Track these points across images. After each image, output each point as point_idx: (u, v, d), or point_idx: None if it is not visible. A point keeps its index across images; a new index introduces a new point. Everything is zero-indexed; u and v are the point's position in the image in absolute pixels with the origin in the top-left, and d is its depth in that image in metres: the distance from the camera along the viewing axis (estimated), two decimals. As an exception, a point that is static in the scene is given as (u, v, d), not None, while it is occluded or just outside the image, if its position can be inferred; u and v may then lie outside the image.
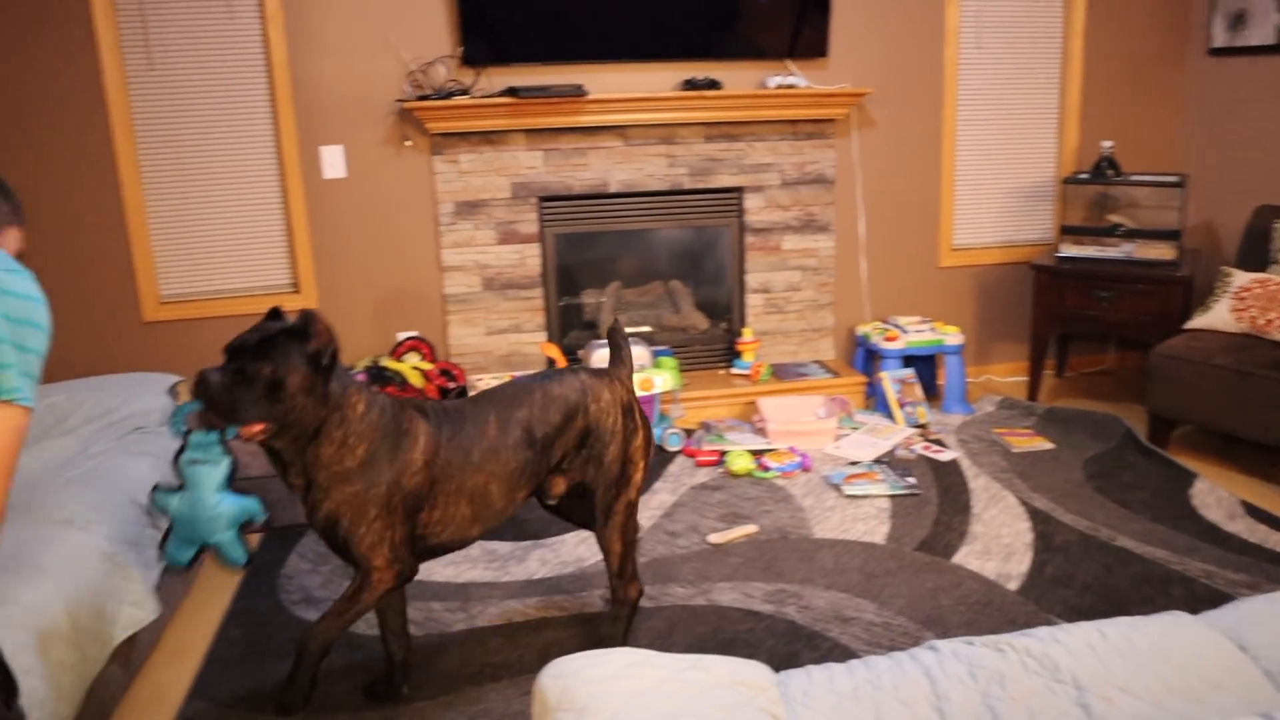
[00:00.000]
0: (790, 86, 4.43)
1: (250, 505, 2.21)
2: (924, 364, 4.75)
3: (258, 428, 2.04)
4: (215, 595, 3.05)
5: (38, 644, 1.99)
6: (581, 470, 2.56)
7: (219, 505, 2.16)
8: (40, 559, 2.18)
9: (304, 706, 2.37)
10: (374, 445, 2.20)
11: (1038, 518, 3.41)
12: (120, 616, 2.36)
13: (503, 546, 3.33)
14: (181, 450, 2.14)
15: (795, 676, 1.74)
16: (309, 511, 2.24)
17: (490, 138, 4.36)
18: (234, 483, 2.19)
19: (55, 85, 4.04)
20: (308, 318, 2.08)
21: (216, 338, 4.36)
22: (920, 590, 2.94)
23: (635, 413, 2.63)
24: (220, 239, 4.32)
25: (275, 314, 2.18)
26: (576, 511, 2.80)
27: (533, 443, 2.43)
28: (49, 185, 4.13)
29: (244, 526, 2.22)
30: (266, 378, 2.02)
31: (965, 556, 3.15)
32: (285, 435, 2.11)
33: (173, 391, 3.24)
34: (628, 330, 4.75)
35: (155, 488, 2.15)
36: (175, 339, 4.33)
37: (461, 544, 2.40)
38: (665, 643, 2.69)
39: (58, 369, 4.21)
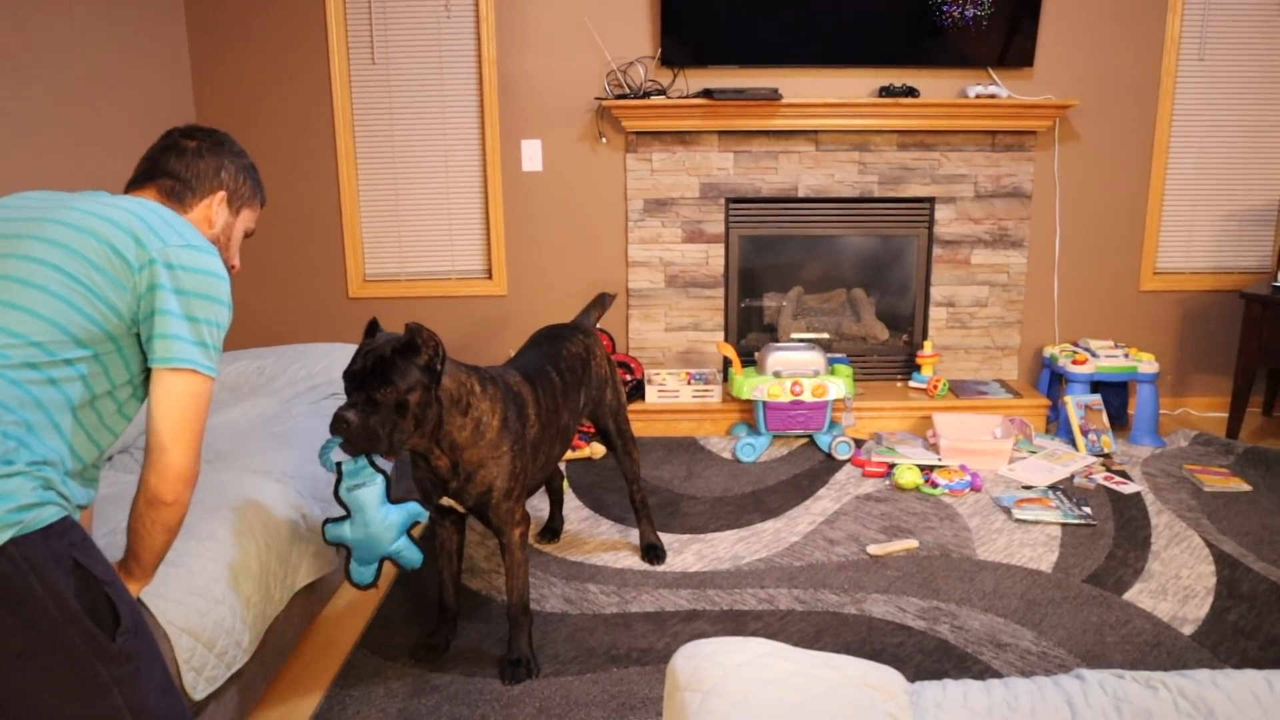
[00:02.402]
0: (991, 96, 4.31)
1: (414, 509, 2.37)
2: (1114, 391, 4.54)
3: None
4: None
5: (230, 577, 2.19)
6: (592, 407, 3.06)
7: (387, 518, 2.32)
8: (238, 503, 2.39)
9: (537, 668, 2.60)
10: (505, 413, 2.44)
11: (1224, 562, 3.21)
12: (303, 565, 2.57)
13: (662, 538, 3.41)
14: (338, 483, 2.31)
15: (929, 688, 1.73)
16: (457, 490, 2.44)
17: (683, 138, 4.45)
18: (390, 495, 2.36)
19: (290, 81, 4.41)
20: (413, 331, 2.23)
21: (413, 314, 4.64)
22: (1084, 623, 2.83)
23: (610, 362, 3.16)
24: (423, 224, 4.59)
25: (373, 327, 2.36)
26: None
27: (572, 388, 2.87)
28: (277, 170, 4.49)
29: (411, 529, 2.40)
30: (393, 401, 2.19)
31: (1138, 594, 3.00)
32: (417, 435, 2.30)
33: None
34: (806, 336, 4.75)
35: (325, 523, 2.34)
36: (375, 314, 4.63)
37: (541, 482, 2.73)
38: (811, 647, 2.70)
39: (270, 335, 4.60)
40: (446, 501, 2.50)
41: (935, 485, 3.78)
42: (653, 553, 3.23)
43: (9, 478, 1.42)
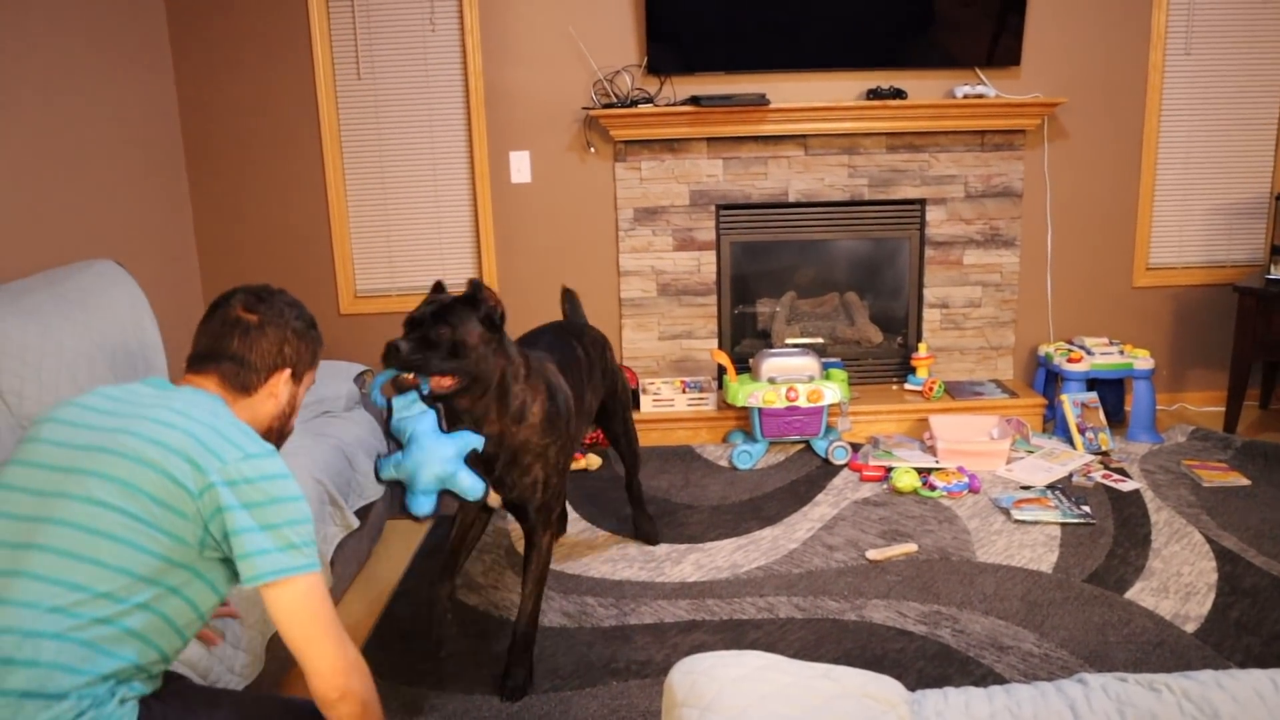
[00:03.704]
0: (979, 96, 4.31)
1: (469, 437, 2.26)
2: (1110, 388, 4.53)
3: (448, 381, 2.25)
4: (384, 575, 3.27)
5: (224, 605, 2.17)
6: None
7: (441, 446, 2.23)
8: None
9: (531, 685, 2.57)
10: (546, 402, 2.46)
11: (1225, 558, 3.20)
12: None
13: (659, 548, 3.39)
14: (389, 416, 2.27)
15: (930, 697, 1.71)
16: (500, 476, 2.45)
17: (672, 145, 4.44)
18: (443, 426, 2.30)
19: (275, 97, 4.39)
20: (475, 285, 2.31)
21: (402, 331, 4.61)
22: (1086, 624, 2.82)
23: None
24: (412, 238, 4.58)
25: (439, 287, 2.46)
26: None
27: (600, 364, 3.01)
28: (264, 189, 4.48)
29: (469, 459, 2.29)
30: (448, 339, 2.24)
31: (1139, 593, 2.99)
32: (472, 392, 2.31)
33: (359, 380, 3.45)
34: (801, 341, 4.74)
35: (377, 460, 2.28)
36: (366, 330, 4.62)
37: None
38: (812, 655, 2.68)
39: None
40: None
41: (933, 488, 3.77)
42: (649, 530, 3.41)
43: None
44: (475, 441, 2.30)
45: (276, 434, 1.85)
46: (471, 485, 2.27)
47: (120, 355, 2.97)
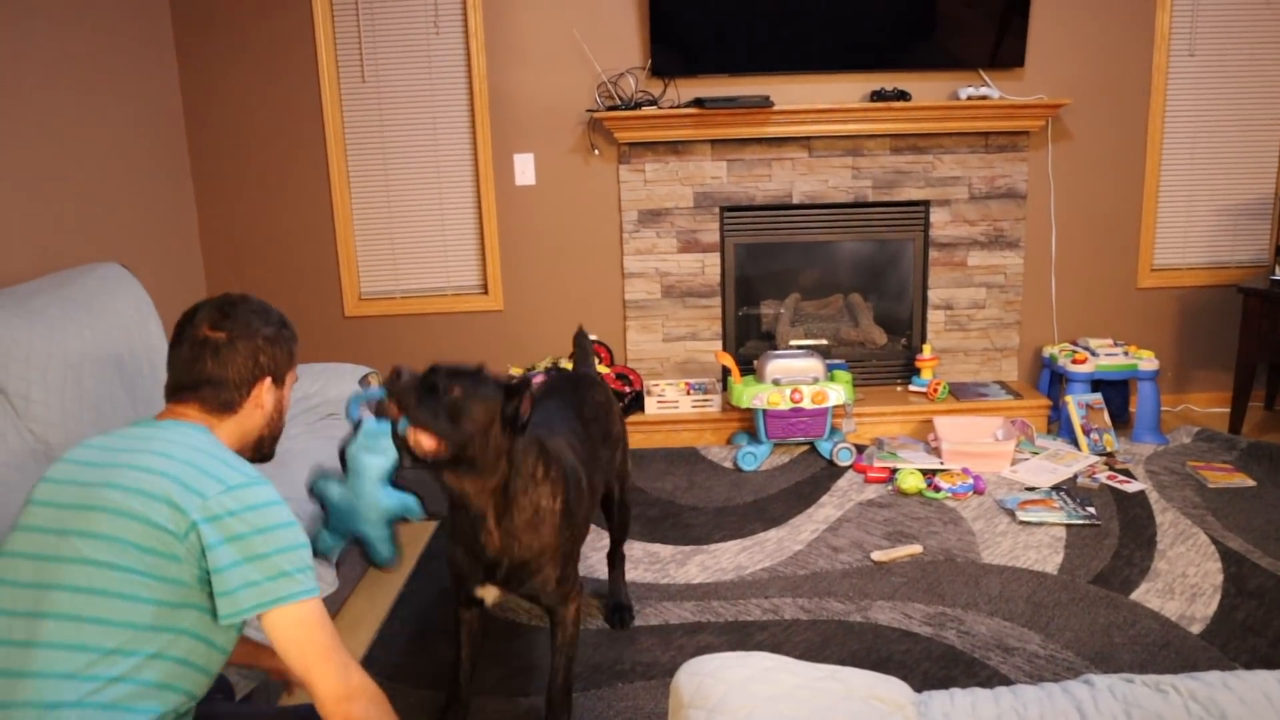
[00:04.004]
0: (983, 98, 4.31)
1: (409, 502, 2.11)
2: (1115, 390, 4.52)
3: (429, 441, 1.94)
4: (390, 577, 3.27)
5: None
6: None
7: (379, 498, 2.10)
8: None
9: None
10: (566, 496, 2.20)
11: (1231, 559, 3.19)
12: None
13: (664, 550, 3.39)
14: (350, 438, 2.18)
15: (937, 698, 1.71)
16: (505, 577, 2.17)
17: (676, 148, 4.44)
18: (395, 479, 2.21)
19: (280, 101, 4.40)
20: (525, 382, 2.04)
21: (408, 333, 4.63)
22: (1092, 625, 2.81)
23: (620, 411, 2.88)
24: (417, 241, 4.58)
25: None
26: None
27: (604, 437, 2.67)
28: (270, 192, 4.49)
29: (398, 524, 2.20)
30: (454, 397, 1.95)
31: (1145, 594, 2.98)
32: (459, 472, 2.01)
33: (363, 381, 3.45)
34: (805, 343, 4.74)
35: (314, 471, 2.21)
36: (371, 333, 4.62)
37: None
38: (817, 657, 2.68)
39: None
40: (482, 593, 2.23)
41: (938, 489, 3.77)
42: (620, 613, 2.91)
43: None
44: (413, 513, 2.15)
45: (268, 440, 1.84)
46: (383, 553, 2.14)
47: (125, 358, 2.98)
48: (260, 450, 1.84)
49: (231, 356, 1.72)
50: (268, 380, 1.78)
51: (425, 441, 1.95)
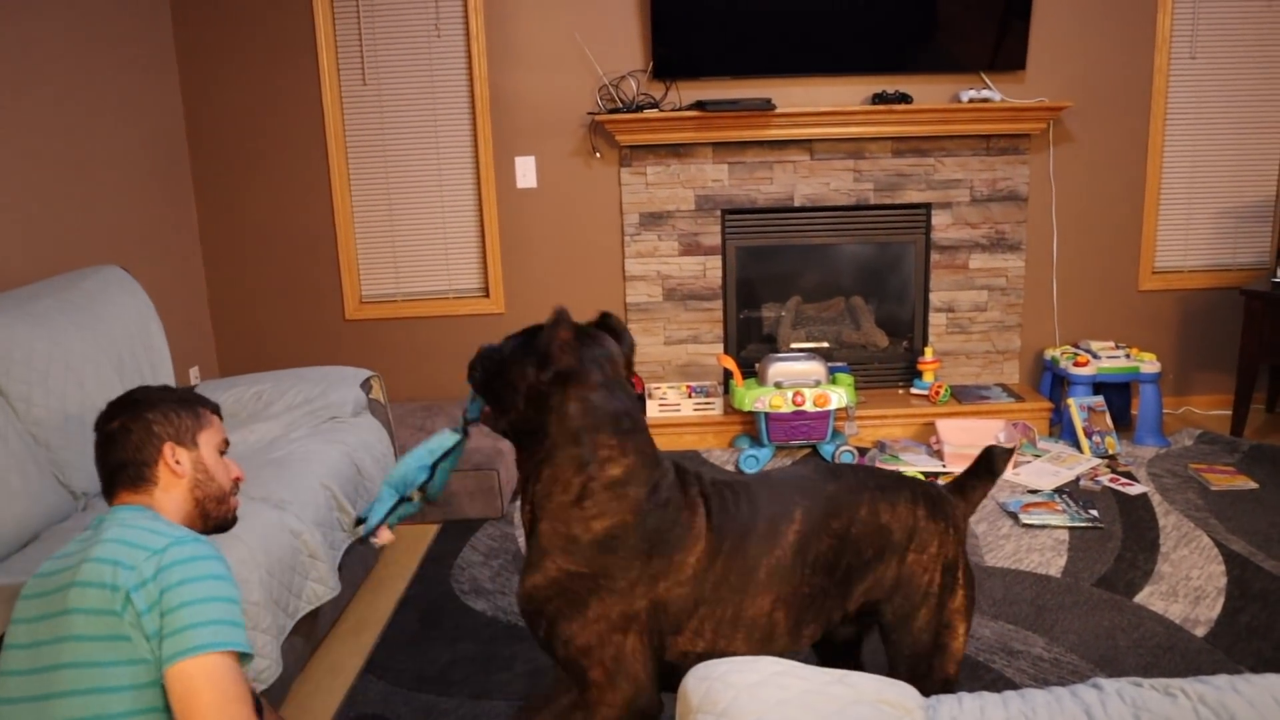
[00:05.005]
0: (984, 100, 4.31)
1: (414, 479, 1.98)
2: (1117, 392, 4.52)
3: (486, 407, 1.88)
4: (392, 581, 3.26)
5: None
6: (881, 629, 1.97)
7: (405, 462, 1.99)
8: (238, 531, 2.36)
9: None
10: (627, 529, 1.76)
11: (1234, 561, 3.19)
12: (305, 590, 2.54)
13: (668, 552, 3.38)
14: (467, 419, 1.97)
15: (945, 702, 1.70)
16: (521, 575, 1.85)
17: (677, 150, 4.44)
18: (446, 461, 2.00)
19: (281, 104, 4.40)
20: (560, 315, 1.76)
21: (409, 336, 4.62)
22: (1096, 628, 2.81)
23: (960, 569, 1.96)
24: (418, 244, 4.58)
25: (605, 317, 1.98)
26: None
27: (834, 570, 1.87)
28: (270, 195, 4.48)
29: (400, 502, 2.07)
30: (497, 357, 1.85)
31: (1148, 597, 2.98)
32: (520, 446, 1.85)
33: (365, 385, 3.44)
34: (806, 346, 4.73)
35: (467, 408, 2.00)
36: (372, 336, 4.62)
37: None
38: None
39: (268, 360, 4.57)
40: None
41: (941, 492, 3.76)
42: None
43: None
44: (442, 445, 1.99)
45: (209, 501, 1.84)
46: (414, 475, 1.97)
47: (126, 360, 2.97)
48: (208, 516, 1.84)
49: (128, 438, 1.79)
50: (168, 445, 1.80)
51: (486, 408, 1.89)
